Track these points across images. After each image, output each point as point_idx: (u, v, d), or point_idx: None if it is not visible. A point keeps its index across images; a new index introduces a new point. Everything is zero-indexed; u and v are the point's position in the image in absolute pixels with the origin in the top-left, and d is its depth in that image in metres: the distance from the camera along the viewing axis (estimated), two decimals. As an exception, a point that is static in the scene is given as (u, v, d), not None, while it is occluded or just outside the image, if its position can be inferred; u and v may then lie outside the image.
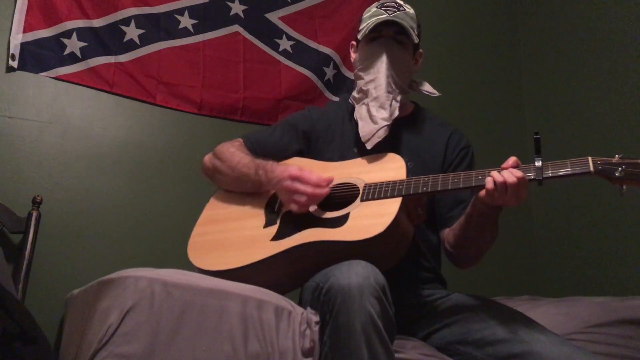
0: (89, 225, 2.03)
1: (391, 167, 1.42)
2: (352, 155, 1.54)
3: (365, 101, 1.53)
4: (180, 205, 2.15)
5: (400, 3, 1.58)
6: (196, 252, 1.44)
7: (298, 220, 1.37)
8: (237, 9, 2.43)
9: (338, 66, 2.58)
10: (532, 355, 1.15)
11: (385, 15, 1.52)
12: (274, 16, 2.49)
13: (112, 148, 2.13)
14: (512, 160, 1.25)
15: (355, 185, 1.41)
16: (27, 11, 2.03)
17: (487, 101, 2.95)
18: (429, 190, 1.30)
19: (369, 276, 1.10)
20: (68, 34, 2.10)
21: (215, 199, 1.58)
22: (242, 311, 1.16)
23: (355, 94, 1.60)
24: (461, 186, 1.28)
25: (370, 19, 1.55)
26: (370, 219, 1.29)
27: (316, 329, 1.17)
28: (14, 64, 1.99)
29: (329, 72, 2.55)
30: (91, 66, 2.12)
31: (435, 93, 1.61)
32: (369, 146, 1.48)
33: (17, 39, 2.00)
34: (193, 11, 2.34)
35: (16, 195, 1.92)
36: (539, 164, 1.21)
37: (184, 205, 2.11)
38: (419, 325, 1.42)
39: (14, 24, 2.00)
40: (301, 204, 1.36)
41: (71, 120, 2.08)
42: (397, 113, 1.51)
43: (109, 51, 2.16)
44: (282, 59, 2.47)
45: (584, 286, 2.52)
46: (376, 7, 1.58)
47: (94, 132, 2.11)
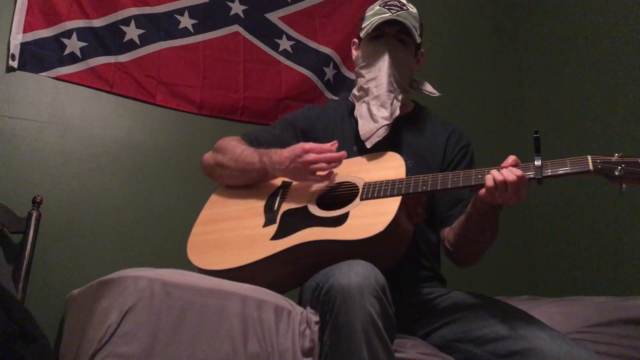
0: (89, 225, 2.03)
1: (391, 165, 1.42)
2: (352, 154, 1.53)
3: (366, 99, 1.53)
4: (180, 205, 2.15)
5: (404, 2, 1.58)
6: (196, 252, 1.43)
7: (297, 220, 1.37)
8: (237, 9, 2.43)
9: (338, 66, 2.58)
10: (532, 352, 1.15)
11: (389, 14, 1.52)
12: (274, 16, 2.49)
13: (112, 148, 2.13)
14: (511, 158, 1.25)
15: (355, 184, 1.41)
16: (27, 11, 2.03)
17: (487, 101, 2.95)
18: (429, 189, 1.30)
19: (368, 276, 1.10)
20: (68, 34, 2.10)
21: (215, 198, 1.57)
22: (241, 311, 1.16)
23: (356, 91, 1.59)
24: (461, 185, 1.28)
25: (374, 17, 1.54)
26: (369, 218, 1.29)
27: (316, 328, 1.17)
28: (14, 64, 1.99)
29: (329, 72, 2.55)
30: (91, 66, 2.13)
31: (436, 93, 1.61)
32: (368, 145, 1.48)
33: (17, 39, 2.00)
34: (193, 11, 2.35)
35: (16, 195, 1.92)
36: (538, 163, 1.21)
37: (184, 205, 2.11)
38: (419, 324, 1.42)
39: (14, 24, 2.00)
40: (323, 168, 1.38)
41: (71, 120, 2.09)
42: (397, 112, 1.51)
43: (109, 51, 2.16)
44: (282, 59, 2.47)
45: (584, 286, 2.52)
46: (379, 5, 1.57)
47: (94, 132, 2.11)
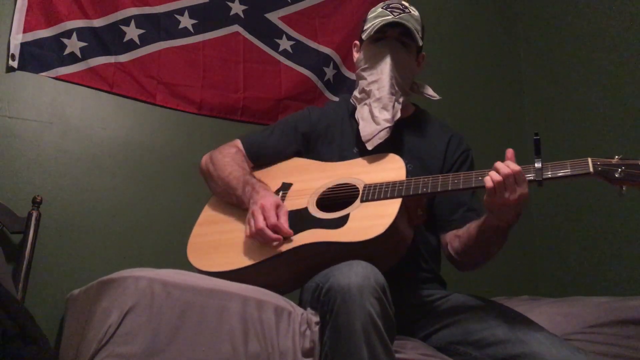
0: (89, 225, 2.03)
1: (391, 167, 1.42)
2: (352, 156, 1.54)
3: (368, 102, 1.53)
4: (180, 205, 2.14)
5: (406, 5, 1.58)
6: (196, 254, 1.44)
7: (298, 221, 1.37)
8: (237, 9, 2.43)
9: (338, 66, 2.58)
10: (531, 357, 1.16)
11: (391, 17, 1.52)
12: (274, 16, 2.49)
13: (112, 148, 2.13)
14: (509, 152, 1.24)
15: (355, 185, 1.41)
16: (27, 11, 2.02)
17: (487, 102, 2.95)
18: (429, 191, 1.30)
19: (368, 276, 1.11)
20: (68, 34, 2.09)
21: (215, 199, 1.58)
22: (242, 311, 1.16)
23: (357, 94, 1.59)
24: (461, 187, 1.28)
25: (376, 19, 1.54)
26: (370, 220, 1.29)
27: (316, 329, 1.17)
28: (14, 64, 1.99)
29: (329, 72, 2.55)
30: (91, 66, 2.12)
31: (436, 96, 1.61)
32: (369, 147, 1.48)
33: (17, 39, 2.00)
34: (193, 11, 2.34)
35: (16, 195, 1.92)
36: (538, 165, 1.21)
37: (184, 205, 2.10)
38: (418, 325, 1.42)
39: (14, 24, 2.00)
40: (250, 229, 1.34)
41: (71, 120, 2.08)
42: (399, 115, 1.51)
43: (109, 51, 2.16)
44: (282, 59, 2.47)
45: (584, 286, 2.52)
46: (382, 7, 1.57)
47: (94, 132, 2.11)
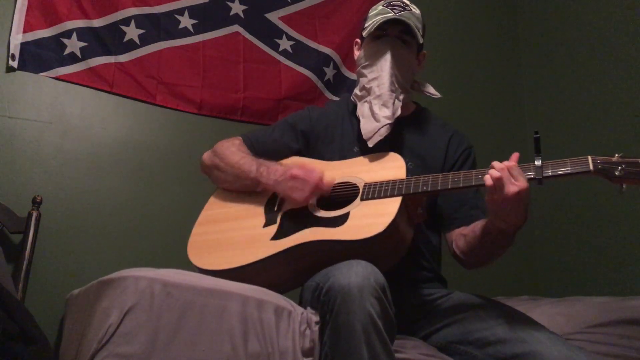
0: (89, 225, 2.03)
1: (391, 166, 1.42)
2: (353, 155, 1.54)
3: (368, 99, 1.53)
4: (180, 205, 2.15)
5: (407, 3, 1.58)
6: (196, 252, 1.44)
7: (298, 220, 1.37)
8: (237, 9, 2.43)
9: (338, 66, 2.58)
10: (532, 356, 1.15)
11: (392, 14, 1.52)
12: (274, 16, 2.49)
13: (112, 148, 2.13)
14: (513, 155, 1.24)
15: (355, 184, 1.41)
16: (27, 11, 2.02)
17: (487, 101, 2.95)
18: (429, 189, 1.30)
19: (369, 276, 1.10)
20: (68, 34, 2.09)
21: (215, 198, 1.57)
22: (242, 311, 1.16)
23: (358, 91, 1.59)
24: (461, 185, 1.28)
25: (377, 17, 1.54)
26: (370, 219, 1.29)
27: (316, 328, 1.17)
28: (14, 64, 1.99)
29: (329, 72, 2.55)
30: (91, 66, 2.12)
31: (437, 95, 1.61)
32: (370, 144, 1.48)
33: (17, 39, 2.00)
34: (193, 11, 2.34)
35: (16, 195, 1.92)
36: (538, 163, 1.21)
37: (184, 205, 2.11)
38: (419, 325, 1.42)
39: (14, 24, 2.00)
40: (304, 192, 1.37)
41: (71, 120, 2.08)
42: (399, 112, 1.51)
43: (108, 51, 2.16)
44: (282, 59, 2.47)
45: (584, 286, 2.52)
46: (382, 5, 1.57)
47: (94, 132, 2.11)
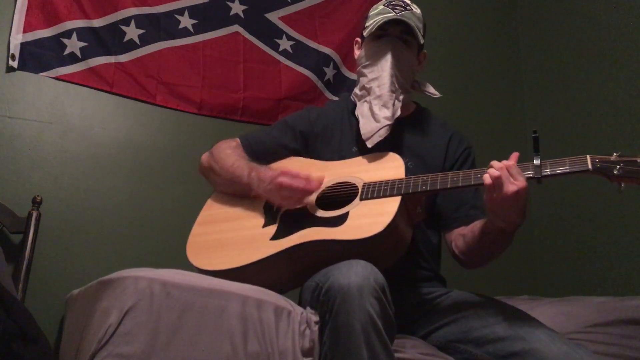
0: (89, 225, 2.03)
1: (390, 166, 1.42)
2: (352, 155, 1.53)
3: (368, 99, 1.53)
4: (180, 205, 2.14)
5: (408, 2, 1.58)
6: (195, 252, 1.44)
7: (297, 220, 1.37)
8: (237, 9, 2.43)
9: (338, 66, 2.58)
10: (532, 353, 1.15)
11: (393, 14, 1.52)
12: (274, 16, 2.49)
13: (112, 148, 2.13)
14: (513, 155, 1.25)
15: (354, 184, 1.41)
16: (27, 11, 2.02)
17: (487, 101, 2.95)
18: (429, 188, 1.30)
19: (368, 276, 1.10)
20: (68, 34, 2.10)
21: (214, 198, 1.57)
22: (241, 311, 1.16)
23: (358, 91, 1.59)
24: (460, 184, 1.28)
25: (377, 16, 1.54)
26: (369, 218, 1.29)
27: (316, 328, 1.17)
28: (14, 64, 1.99)
29: (329, 72, 2.55)
30: (91, 66, 2.13)
31: (437, 94, 1.61)
32: (370, 144, 1.48)
33: (17, 39, 2.00)
34: (193, 11, 2.34)
35: (16, 195, 1.92)
36: (537, 162, 1.21)
37: (184, 205, 2.10)
38: (418, 324, 1.42)
39: (14, 24, 2.00)
40: (294, 200, 1.36)
41: (71, 120, 2.09)
42: (399, 112, 1.50)
43: (108, 51, 2.16)
44: (282, 59, 2.47)
45: (584, 286, 2.52)
46: (383, 5, 1.57)
47: (94, 132, 2.11)
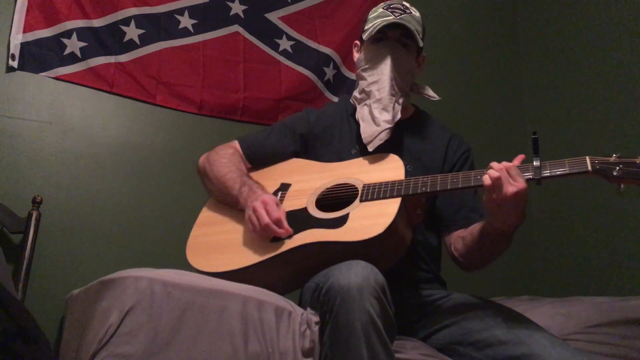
0: (89, 225, 2.03)
1: (389, 167, 1.43)
2: (351, 156, 1.54)
3: (368, 102, 1.53)
4: (180, 205, 2.15)
5: (407, 5, 1.57)
6: (195, 254, 1.44)
7: (297, 221, 1.37)
8: (237, 9, 2.43)
9: (338, 66, 2.58)
10: (531, 358, 1.15)
11: (392, 18, 1.51)
12: (274, 16, 2.49)
13: (112, 148, 2.13)
14: (518, 157, 1.25)
15: (354, 185, 1.41)
16: (27, 11, 2.03)
17: (487, 102, 2.95)
18: (428, 190, 1.31)
19: (368, 276, 1.10)
20: (68, 34, 2.10)
21: (213, 200, 1.57)
22: (242, 311, 1.16)
23: (357, 94, 1.59)
24: (460, 186, 1.28)
25: (377, 19, 1.54)
26: (369, 220, 1.29)
27: (316, 329, 1.17)
28: (14, 64, 1.99)
29: (329, 72, 2.55)
30: (91, 66, 2.13)
31: (436, 97, 1.60)
32: (370, 148, 1.48)
33: (17, 39, 2.00)
34: (193, 11, 2.34)
35: (16, 195, 1.92)
36: (537, 164, 1.21)
37: (184, 205, 2.11)
38: (419, 325, 1.42)
39: (14, 24, 2.00)
40: (254, 226, 1.35)
41: (71, 120, 2.09)
42: (399, 116, 1.50)
43: (109, 51, 2.16)
44: (282, 59, 2.47)
45: (584, 286, 2.52)
46: (382, 8, 1.57)
47: (94, 132, 2.11)
